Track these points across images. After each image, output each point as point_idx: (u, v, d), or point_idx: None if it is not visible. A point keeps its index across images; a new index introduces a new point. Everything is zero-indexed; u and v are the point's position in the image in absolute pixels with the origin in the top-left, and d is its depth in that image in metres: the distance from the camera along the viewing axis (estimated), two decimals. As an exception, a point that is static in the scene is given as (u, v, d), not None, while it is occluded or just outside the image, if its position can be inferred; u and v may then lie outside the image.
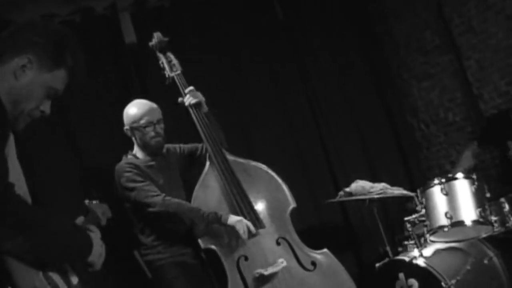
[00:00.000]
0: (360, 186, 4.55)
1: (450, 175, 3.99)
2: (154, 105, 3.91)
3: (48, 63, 2.08)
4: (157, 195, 3.66)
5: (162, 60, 4.02)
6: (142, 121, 3.84)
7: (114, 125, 4.40)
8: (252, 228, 3.68)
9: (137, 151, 3.94)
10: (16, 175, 2.12)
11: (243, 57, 5.27)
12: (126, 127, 3.90)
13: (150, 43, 4.02)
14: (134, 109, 3.88)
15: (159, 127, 3.88)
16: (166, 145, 4.01)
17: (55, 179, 4.03)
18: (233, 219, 3.67)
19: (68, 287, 2.12)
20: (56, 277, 2.08)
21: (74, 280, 2.19)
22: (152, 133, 3.85)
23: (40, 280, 2.01)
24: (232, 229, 3.67)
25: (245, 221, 3.69)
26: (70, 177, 4.15)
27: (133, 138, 3.92)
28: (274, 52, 5.48)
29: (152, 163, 3.91)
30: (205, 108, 3.97)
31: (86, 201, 2.56)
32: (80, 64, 2.17)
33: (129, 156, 3.92)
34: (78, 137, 4.25)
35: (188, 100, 3.92)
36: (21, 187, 2.16)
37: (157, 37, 4.00)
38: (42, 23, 2.17)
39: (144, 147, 3.90)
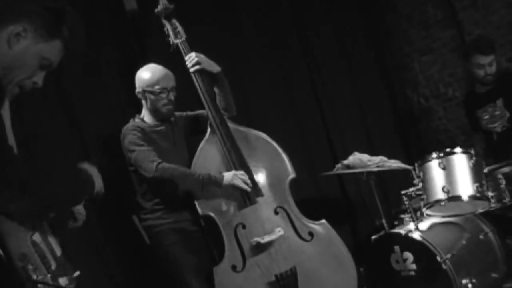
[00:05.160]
0: (357, 158, 4.55)
1: (448, 150, 3.99)
2: (170, 72, 3.90)
3: (43, 33, 2.07)
4: (153, 161, 3.64)
5: (167, 26, 4.00)
6: (157, 87, 3.83)
7: (113, 92, 4.38)
8: (246, 177, 3.71)
9: (145, 114, 3.94)
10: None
11: (245, 27, 5.23)
12: (139, 89, 3.88)
13: (156, 10, 4.00)
14: (149, 73, 3.87)
15: (172, 94, 3.88)
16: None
17: (55, 149, 4.02)
18: (227, 177, 3.68)
19: (53, 258, 2.16)
20: (43, 245, 2.12)
21: (58, 251, 2.23)
22: (165, 100, 3.85)
23: (28, 247, 2.04)
24: (230, 189, 3.71)
25: (238, 173, 3.70)
26: (70, 146, 4.14)
27: (144, 102, 3.91)
28: (276, 24, 5.44)
29: (159, 128, 3.91)
30: (215, 69, 3.97)
31: None
32: (77, 36, 2.17)
33: (137, 120, 3.92)
34: (76, 105, 4.22)
35: (189, 67, 3.93)
36: None
37: (162, 3, 3.98)
38: None
39: (153, 112, 3.90)
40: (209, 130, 3.92)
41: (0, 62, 2.02)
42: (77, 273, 2.27)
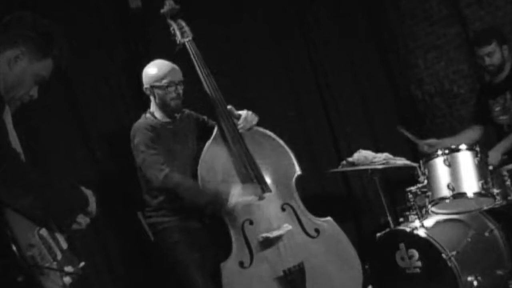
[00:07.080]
0: (362, 156, 4.55)
1: (453, 147, 3.98)
2: (176, 66, 3.92)
3: (37, 54, 2.39)
4: (160, 170, 3.66)
5: (173, 26, 4.03)
6: (164, 81, 3.84)
7: (118, 90, 4.40)
8: (257, 191, 3.73)
9: (155, 110, 3.94)
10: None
11: (249, 27, 5.22)
12: (146, 85, 3.89)
13: (162, 10, 4.03)
14: (156, 68, 3.88)
15: (180, 88, 3.89)
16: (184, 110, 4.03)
17: (59, 146, 4.04)
18: (231, 201, 3.66)
19: (60, 250, 2.28)
20: (49, 238, 2.25)
21: (64, 245, 2.35)
22: (173, 94, 3.86)
23: (35, 239, 2.18)
24: None
25: (244, 191, 3.71)
26: (75, 143, 4.16)
27: (152, 98, 3.92)
28: (280, 23, 5.43)
29: (170, 126, 3.92)
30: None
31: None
32: (64, 53, 2.49)
33: (147, 115, 3.93)
34: (81, 103, 4.24)
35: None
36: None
37: (169, 4, 4.02)
38: (31, 18, 2.44)
39: (162, 107, 3.90)
40: (216, 128, 3.94)
41: (3, 82, 2.33)
42: (82, 264, 2.41)
